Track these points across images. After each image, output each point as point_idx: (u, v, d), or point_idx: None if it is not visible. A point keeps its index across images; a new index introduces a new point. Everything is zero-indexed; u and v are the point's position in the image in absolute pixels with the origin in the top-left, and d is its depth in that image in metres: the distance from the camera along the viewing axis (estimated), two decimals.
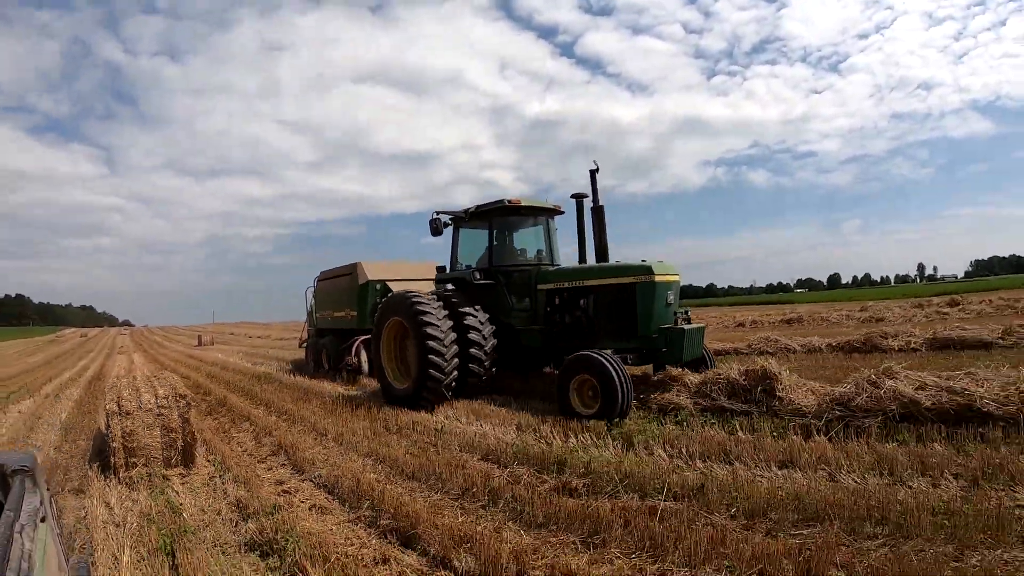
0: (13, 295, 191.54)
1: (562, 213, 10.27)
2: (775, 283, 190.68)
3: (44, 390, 14.25)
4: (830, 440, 5.55)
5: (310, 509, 4.86)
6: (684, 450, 5.52)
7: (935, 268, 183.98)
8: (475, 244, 10.25)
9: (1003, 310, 19.76)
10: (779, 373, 7.04)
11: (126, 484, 5.68)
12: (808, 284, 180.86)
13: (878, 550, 3.34)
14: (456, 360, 8.79)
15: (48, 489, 1.71)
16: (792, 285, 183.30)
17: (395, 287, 12.99)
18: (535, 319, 9.31)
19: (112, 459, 5.99)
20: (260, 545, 4.03)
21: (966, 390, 5.84)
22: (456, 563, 3.52)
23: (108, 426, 6.27)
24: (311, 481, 5.62)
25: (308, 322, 17.90)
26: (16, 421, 9.62)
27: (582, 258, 9.82)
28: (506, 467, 5.46)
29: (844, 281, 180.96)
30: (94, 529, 4.37)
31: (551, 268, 9.77)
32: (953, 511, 3.71)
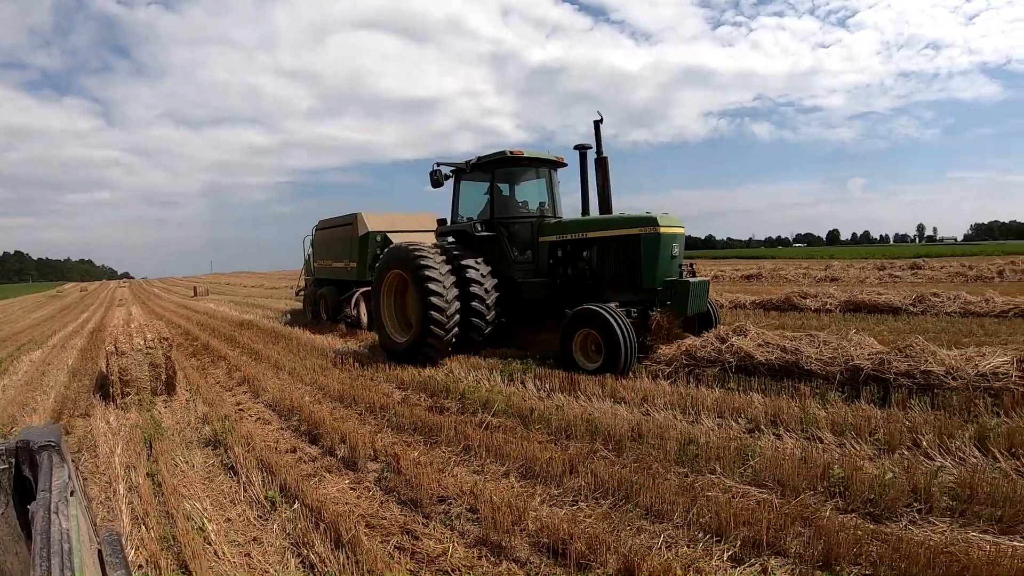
0: (12, 252, 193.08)
1: (564, 165, 10.20)
2: (774, 237, 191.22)
3: (51, 341, 15.99)
4: (670, 384, 6.69)
5: (255, 420, 6.64)
6: (548, 385, 6.98)
7: (935, 229, 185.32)
8: (476, 196, 10.18)
9: (954, 277, 20.68)
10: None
11: (121, 408, 7.41)
12: (807, 239, 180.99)
13: (619, 461, 4.44)
14: (458, 314, 8.75)
15: (73, 461, 1.76)
16: (791, 239, 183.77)
17: (396, 239, 12.92)
18: (538, 272, 9.37)
19: (111, 390, 7.74)
20: (212, 441, 5.79)
21: (797, 350, 6.72)
22: (337, 451, 5.29)
23: (107, 365, 8.02)
24: (262, 403, 7.40)
25: (305, 271, 18.07)
26: (29, 368, 11.36)
27: (585, 210, 9.84)
28: (406, 391, 7.26)
29: (843, 238, 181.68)
30: (97, 437, 6.13)
31: (553, 220, 9.76)
32: (707, 444, 4.59)
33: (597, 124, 9.39)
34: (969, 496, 3.59)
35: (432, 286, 8.57)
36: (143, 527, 3.80)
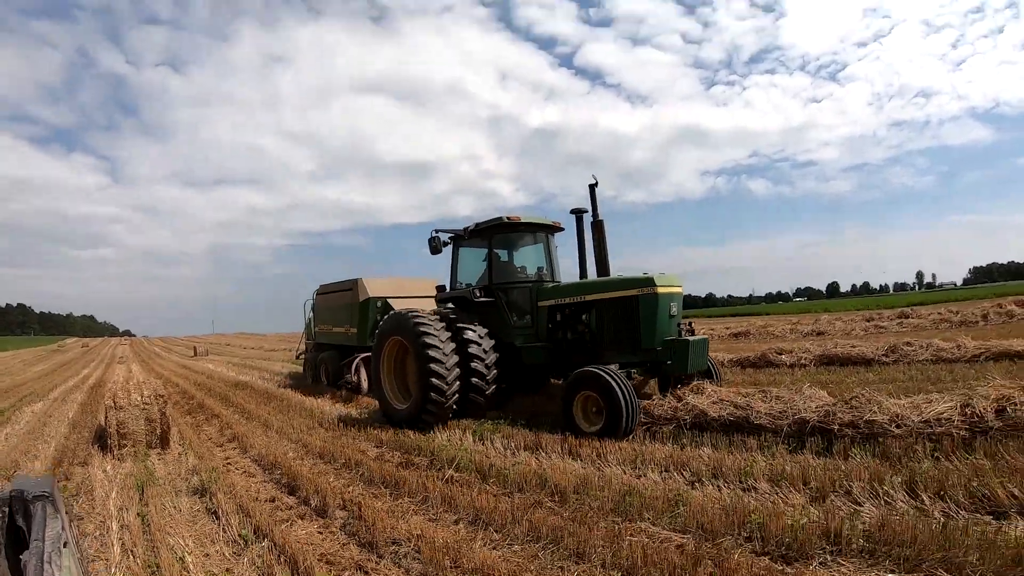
0: (15, 304, 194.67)
1: (562, 230, 10.27)
2: (774, 292, 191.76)
3: (52, 395, 16.59)
4: (628, 441, 7.02)
5: (240, 473, 7.18)
6: (513, 443, 7.44)
7: (933, 276, 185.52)
8: (475, 262, 10.20)
9: (939, 323, 20.50)
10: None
11: (118, 459, 7.95)
12: (807, 293, 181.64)
13: (560, 511, 5.08)
14: (458, 380, 8.73)
15: (67, 513, 1.76)
16: (791, 294, 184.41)
17: (397, 305, 13.01)
18: (537, 336, 9.39)
19: (109, 441, 8.30)
20: (199, 490, 6.32)
21: (748, 405, 7.13)
22: (311, 501, 5.82)
23: (106, 418, 8.60)
24: (249, 458, 7.94)
25: (306, 334, 18.18)
26: (31, 419, 11.91)
27: (583, 273, 9.93)
28: (381, 449, 7.81)
29: (843, 289, 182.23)
30: (94, 483, 6.67)
31: (551, 284, 9.78)
32: (645, 495, 4.97)
33: (592, 188, 9.53)
34: (882, 538, 3.85)
35: (432, 352, 8.55)
36: (131, 556, 4.35)
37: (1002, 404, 5.91)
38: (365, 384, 12.88)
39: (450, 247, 10.23)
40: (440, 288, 10.64)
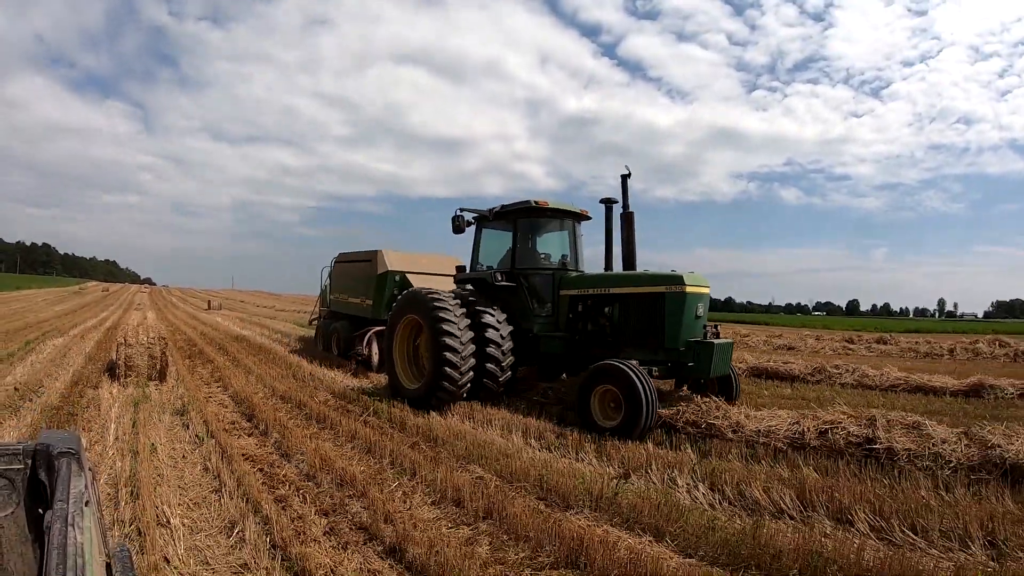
0: (40, 244, 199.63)
1: (589, 219, 10.10)
2: (794, 303, 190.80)
3: (72, 332, 18.73)
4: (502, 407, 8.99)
5: (216, 404, 9.05)
6: (451, 410, 9.31)
7: (955, 305, 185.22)
8: (497, 245, 10.08)
9: (906, 352, 20.76)
10: None
11: (123, 385, 9.85)
12: (827, 308, 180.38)
13: (411, 449, 7.28)
14: (472, 363, 8.66)
15: (91, 469, 1.75)
16: (811, 307, 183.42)
17: (415, 280, 13.14)
18: (556, 325, 9.25)
19: (117, 371, 10.23)
20: (179, 411, 8.18)
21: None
22: (260, 426, 7.68)
23: (117, 352, 10.56)
24: (227, 395, 9.85)
25: (321, 301, 18.04)
26: (53, 351, 13.92)
27: (608, 265, 9.70)
28: (329, 397, 9.67)
29: (863, 308, 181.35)
30: (101, 400, 8.57)
31: (575, 274, 9.66)
32: (486, 446, 7.09)
33: (624, 178, 9.36)
34: (638, 505, 4.80)
35: (447, 334, 8.48)
36: (120, 442, 6.23)
37: (827, 427, 6.63)
38: (376, 358, 12.76)
39: (473, 227, 10.10)
40: (460, 268, 10.52)
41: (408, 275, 13.54)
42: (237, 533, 4.20)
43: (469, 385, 8.76)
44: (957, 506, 4.77)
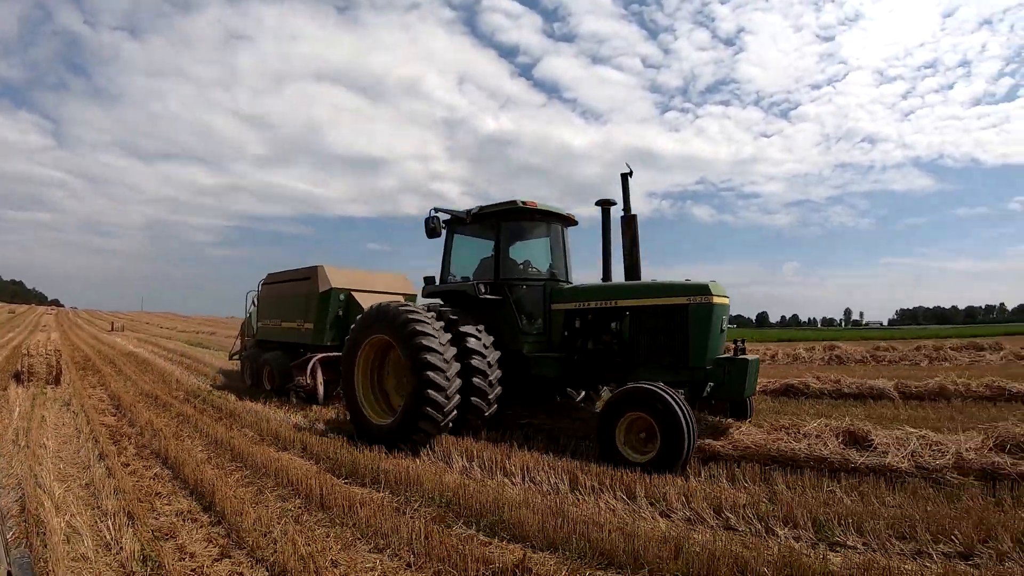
0: None
1: (576, 224, 9.33)
2: None
3: None
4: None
5: (95, 399, 12.75)
6: (286, 403, 13.54)
7: (861, 314, 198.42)
8: (471, 252, 9.22)
9: (829, 361, 20.11)
10: None
11: (26, 387, 13.35)
12: (737, 321, 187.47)
13: (217, 425, 11.40)
14: (459, 386, 7.62)
15: None
16: None
17: (362, 300, 12.04)
18: (549, 344, 8.42)
19: (22, 377, 13.80)
20: (67, 403, 11.88)
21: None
22: (126, 415, 11.60)
23: (21, 362, 14.19)
24: (105, 394, 13.63)
25: (245, 331, 16.27)
26: None
27: (607, 274, 8.85)
28: (180, 393, 13.62)
29: (772, 320, 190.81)
30: (10, 396, 12.21)
31: (568, 285, 8.85)
32: (274, 420, 11.66)
33: (625, 177, 8.61)
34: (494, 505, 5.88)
35: (429, 351, 7.42)
36: (20, 416, 10.06)
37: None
38: (322, 389, 11.67)
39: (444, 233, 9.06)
40: (429, 280, 9.40)
41: (354, 294, 12.39)
42: (84, 454, 8.04)
43: (455, 414, 7.69)
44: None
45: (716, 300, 7.17)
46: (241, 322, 17.19)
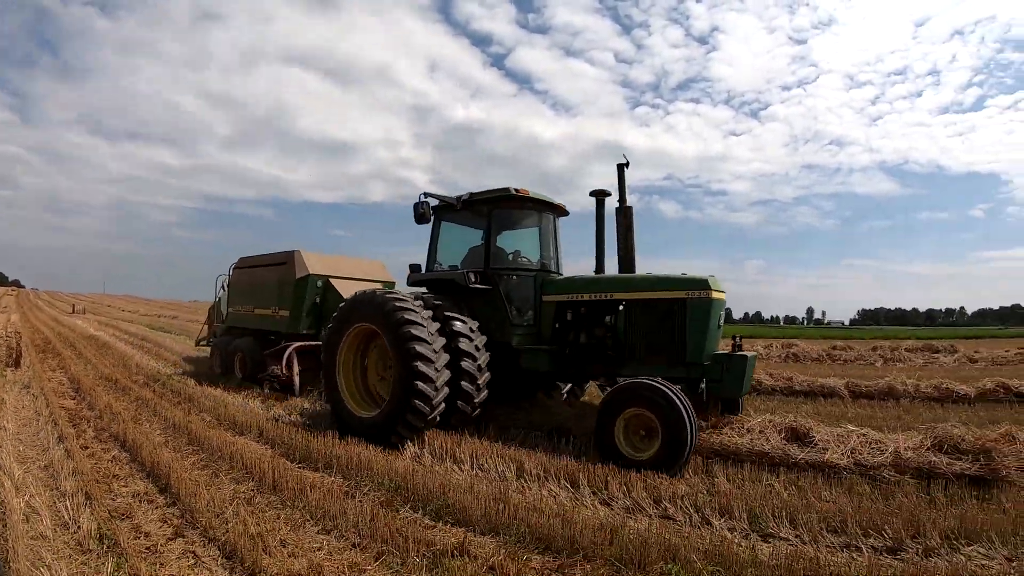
0: None
1: (567, 214, 9.24)
2: None
3: None
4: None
5: (55, 382, 12.75)
6: (232, 383, 13.65)
7: (823, 313, 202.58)
8: (459, 240, 9.06)
9: (786, 359, 20.37)
10: None
11: None
12: None
13: (166, 405, 11.56)
14: (447, 378, 7.38)
15: None
16: None
17: (340, 286, 11.84)
18: (539, 337, 8.29)
19: None
20: (27, 385, 11.92)
21: None
22: (85, 398, 11.68)
23: None
24: (64, 376, 13.65)
25: (214, 317, 15.95)
26: None
27: (600, 267, 8.76)
28: (147, 384, 13.70)
29: (735, 317, 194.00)
30: None
31: (560, 277, 8.70)
32: (232, 407, 11.82)
33: (621, 168, 8.47)
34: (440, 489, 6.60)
35: (417, 340, 7.17)
36: None
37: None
38: (298, 380, 11.27)
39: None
40: (414, 268, 9.11)
41: (332, 280, 12.10)
42: (43, 436, 8.15)
43: (443, 407, 7.48)
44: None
45: (715, 295, 7.16)
46: (209, 307, 16.85)
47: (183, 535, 4.87)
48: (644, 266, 8.77)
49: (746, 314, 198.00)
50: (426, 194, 8.32)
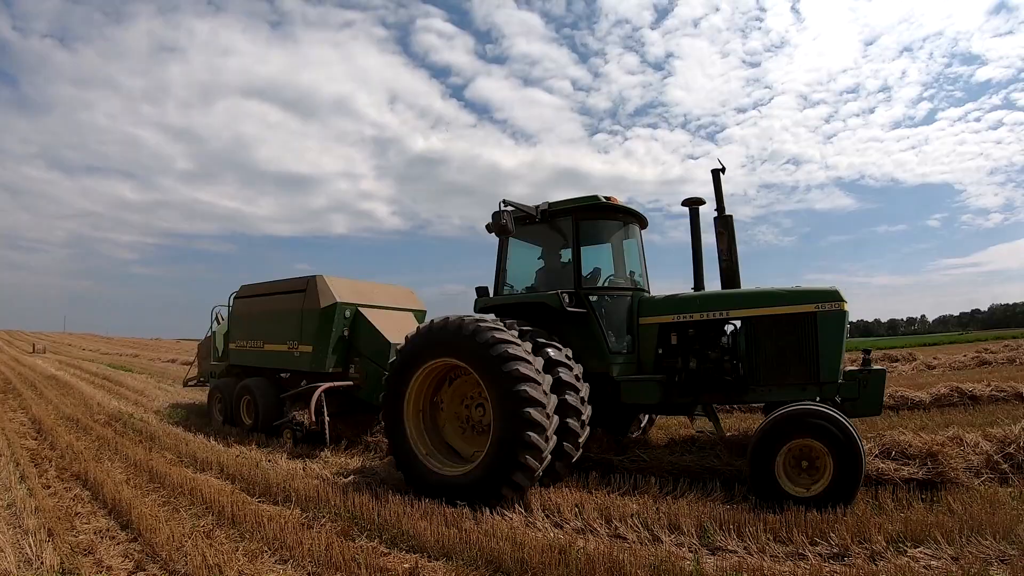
0: None
1: (647, 226, 8.46)
2: None
3: None
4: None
5: (16, 422, 12.72)
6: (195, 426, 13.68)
7: None
8: (531, 258, 8.17)
9: None
10: None
11: None
12: None
13: (123, 440, 11.66)
14: (556, 424, 6.25)
15: None
16: None
17: (372, 317, 10.34)
18: (639, 365, 7.38)
19: None
20: None
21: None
22: (46, 438, 11.67)
23: None
24: (26, 417, 13.58)
25: (207, 353, 14.05)
26: None
27: (699, 283, 7.86)
28: (100, 417, 13.70)
29: None
30: None
31: (658, 296, 7.81)
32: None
33: (717, 173, 7.76)
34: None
35: (529, 390, 5.98)
36: None
37: None
38: (329, 428, 9.56)
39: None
40: (482, 291, 8.10)
41: (362, 309, 10.51)
42: (5, 475, 8.14)
43: (549, 459, 6.28)
44: None
45: (845, 307, 6.55)
46: (198, 343, 15.07)
47: (144, 568, 5.03)
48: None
49: None
50: (506, 201, 7.19)
